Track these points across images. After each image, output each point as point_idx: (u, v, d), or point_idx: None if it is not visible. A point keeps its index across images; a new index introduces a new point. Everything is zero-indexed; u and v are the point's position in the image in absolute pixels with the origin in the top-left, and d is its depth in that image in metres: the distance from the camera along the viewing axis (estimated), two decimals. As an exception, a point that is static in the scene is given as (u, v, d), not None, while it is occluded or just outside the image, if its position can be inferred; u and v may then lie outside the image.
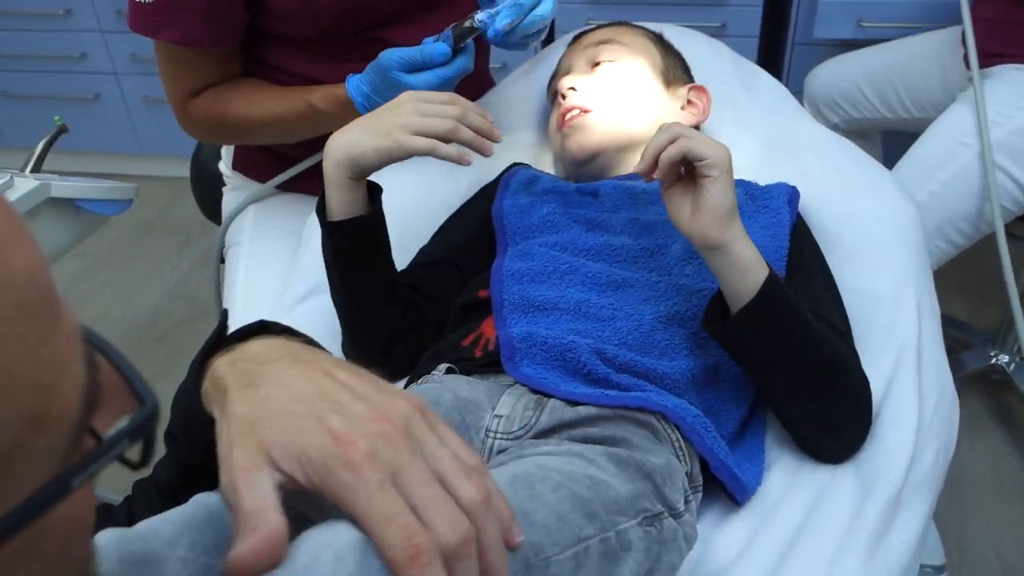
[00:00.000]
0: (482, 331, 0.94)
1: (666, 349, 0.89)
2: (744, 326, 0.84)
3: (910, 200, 1.10)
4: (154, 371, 2.12)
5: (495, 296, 0.96)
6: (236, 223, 1.38)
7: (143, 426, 0.35)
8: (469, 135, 0.90)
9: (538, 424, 0.81)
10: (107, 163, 2.86)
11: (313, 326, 1.03)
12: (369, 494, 0.45)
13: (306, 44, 1.18)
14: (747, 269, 0.83)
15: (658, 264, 0.97)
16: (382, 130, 0.90)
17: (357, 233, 0.93)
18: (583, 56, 1.16)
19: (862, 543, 0.80)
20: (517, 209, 1.05)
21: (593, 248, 0.99)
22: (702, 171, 0.81)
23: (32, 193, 1.14)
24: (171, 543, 0.52)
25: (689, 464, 0.82)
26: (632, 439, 0.78)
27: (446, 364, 0.90)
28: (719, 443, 0.84)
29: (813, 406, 0.87)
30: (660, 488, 0.75)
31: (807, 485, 0.86)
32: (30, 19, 2.60)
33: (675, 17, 1.45)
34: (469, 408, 0.82)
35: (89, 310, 2.34)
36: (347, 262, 0.95)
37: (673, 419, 0.82)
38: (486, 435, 0.81)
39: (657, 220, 1.01)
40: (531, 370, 0.86)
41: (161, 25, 1.10)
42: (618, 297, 0.93)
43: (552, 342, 0.87)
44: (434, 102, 0.91)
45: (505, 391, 0.85)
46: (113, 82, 2.68)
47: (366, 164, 0.90)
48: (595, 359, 0.86)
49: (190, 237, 2.59)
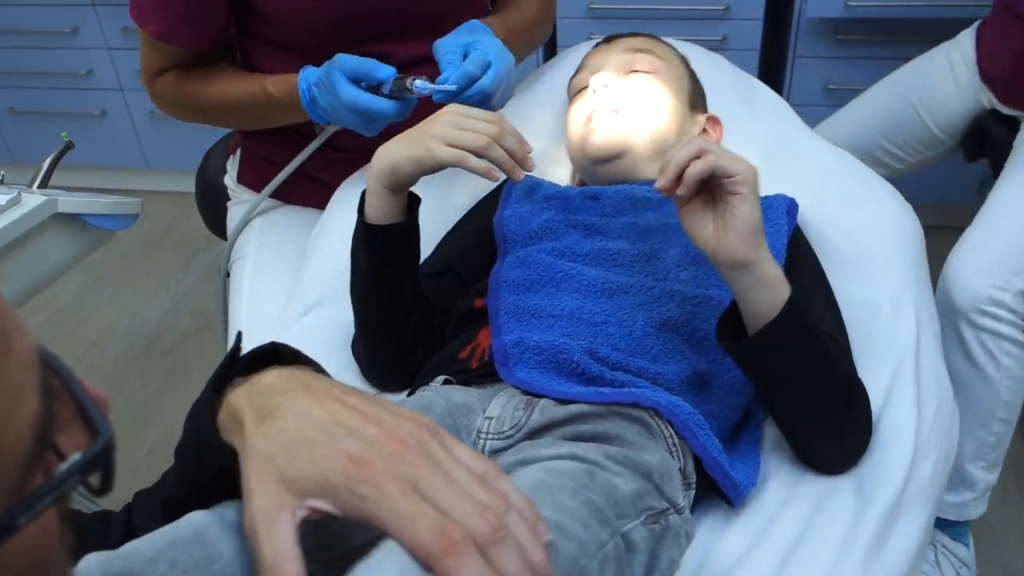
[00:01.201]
0: (478, 342, 0.95)
1: (659, 354, 0.90)
2: (768, 345, 0.82)
3: (910, 212, 1.11)
4: (159, 384, 2.13)
5: (491, 305, 0.96)
6: (241, 237, 1.39)
7: (97, 459, 0.35)
8: (502, 155, 0.90)
9: (528, 423, 0.81)
10: (113, 179, 2.88)
11: (318, 337, 1.05)
12: (392, 502, 0.46)
13: (301, 52, 1.19)
14: (772, 288, 0.80)
15: (654, 269, 0.97)
16: (417, 140, 0.92)
17: (389, 238, 0.95)
18: (619, 59, 1.14)
19: (860, 552, 0.81)
20: (517, 217, 1.06)
21: (590, 253, 0.99)
22: (731, 188, 0.78)
23: (39, 208, 1.16)
24: (152, 561, 0.53)
25: (683, 460, 0.82)
26: (626, 435, 0.78)
27: (443, 376, 0.91)
28: (712, 440, 0.83)
29: (823, 422, 0.86)
30: (660, 486, 0.75)
31: (806, 494, 0.86)
32: (37, 37, 2.63)
33: (676, 31, 1.46)
34: (460, 412, 0.83)
35: (95, 324, 2.35)
36: (379, 265, 0.97)
37: (667, 415, 0.82)
38: (477, 436, 0.81)
39: (656, 225, 1.01)
40: (524, 374, 0.86)
41: (145, 19, 1.15)
42: (611, 303, 0.93)
43: (544, 345, 0.88)
44: (473, 118, 0.92)
45: (496, 394, 0.86)
46: (119, 98, 2.70)
47: (401, 173, 0.92)
48: (587, 358, 0.86)
49: (196, 251, 2.61)
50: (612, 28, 1.33)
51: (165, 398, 2.06)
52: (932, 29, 2.05)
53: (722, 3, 2.11)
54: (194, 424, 0.62)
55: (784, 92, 2.21)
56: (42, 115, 2.76)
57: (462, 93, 1.00)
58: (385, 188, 0.93)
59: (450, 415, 0.82)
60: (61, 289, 2.45)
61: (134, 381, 2.15)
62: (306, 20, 1.14)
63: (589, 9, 2.17)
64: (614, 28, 1.29)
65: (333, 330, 1.05)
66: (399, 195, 0.95)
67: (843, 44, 2.13)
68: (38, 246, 1.19)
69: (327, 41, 1.16)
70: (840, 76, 2.16)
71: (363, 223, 0.95)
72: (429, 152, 0.90)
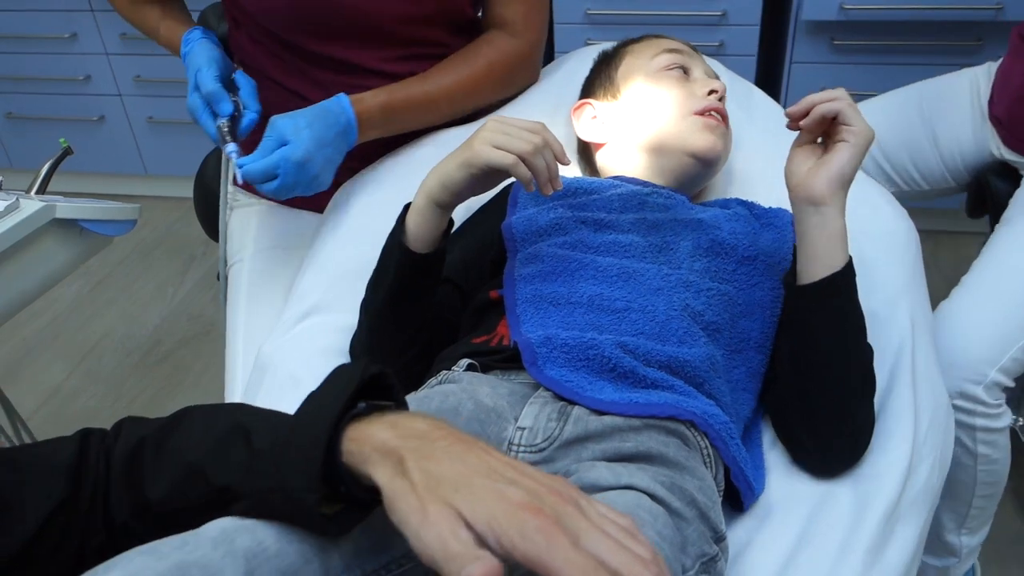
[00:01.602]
0: (498, 332, 0.94)
1: (684, 336, 0.89)
2: (831, 288, 0.86)
3: (903, 216, 1.11)
4: (157, 389, 2.13)
5: (507, 296, 0.96)
6: (238, 240, 1.39)
7: None
8: (542, 165, 0.91)
9: (562, 435, 0.80)
10: (112, 184, 2.88)
11: (314, 344, 1.05)
12: (567, 555, 0.49)
13: (270, 44, 1.23)
14: (836, 239, 0.87)
15: (668, 259, 0.97)
16: (464, 147, 0.94)
17: (424, 263, 0.96)
18: (708, 71, 1.15)
19: (859, 556, 0.81)
20: (525, 219, 1.05)
21: (602, 246, 0.99)
22: (843, 135, 0.86)
23: (37, 214, 1.16)
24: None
25: (715, 469, 0.83)
26: (667, 453, 0.78)
27: (467, 360, 0.90)
28: (741, 451, 0.85)
29: (837, 405, 0.87)
30: (705, 513, 0.75)
31: (803, 499, 0.87)
32: (36, 42, 2.63)
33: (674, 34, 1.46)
34: (491, 418, 0.81)
35: (93, 329, 2.36)
36: (406, 284, 0.97)
37: (702, 427, 0.83)
38: (508, 448, 0.80)
39: (665, 219, 1.01)
40: (555, 372, 0.85)
41: None
42: (630, 289, 0.93)
43: (572, 342, 0.87)
44: (520, 127, 0.93)
45: (528, 399, 0.84)
46: (118, 104, 2.70)
47: (451, 181, 0.93)
48: (619, 352, 0.86)
49: (194, 257, 2.61)
50: (610, 34, 1.33)
51: (163, 403, 2.06)
52: (927, 33, 2.07)
53: (719, 9, 2.12)
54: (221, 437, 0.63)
55: (781, 97, 2.22)
56: (41, 121, 2.76)
57: (252, 180, 1.07)
58: (434, 203, 0.94)
59: (479, 421, 0.80)
60: (59, 295, 2.45)
61: (132, 386, 2.15)
62: (266, 11, 1.18)
63: (586, 15, 2.18)
64: (612, 34, 1.29)
65: (328, 337, 1.05)
66: (445, 214, 0.96)
67: (840, 50, 2.14)
68: (36, 252, 1.19)
69: (294, 35, 1.20)
70: (837, 81, 2.14)
71: (402, 245, 0.96)
72: (477, 154, 0.91)
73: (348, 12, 1.17)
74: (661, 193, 1.05)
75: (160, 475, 0.66)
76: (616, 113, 1.13)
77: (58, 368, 2.23)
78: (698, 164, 1.08)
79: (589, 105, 1.16)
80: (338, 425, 0.59)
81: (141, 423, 0.71)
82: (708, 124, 1.06)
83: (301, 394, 0.82)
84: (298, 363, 1.03)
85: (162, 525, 0.62)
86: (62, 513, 0.64)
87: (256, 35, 1.24)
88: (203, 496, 0.64)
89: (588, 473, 0.75)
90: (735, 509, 0.87)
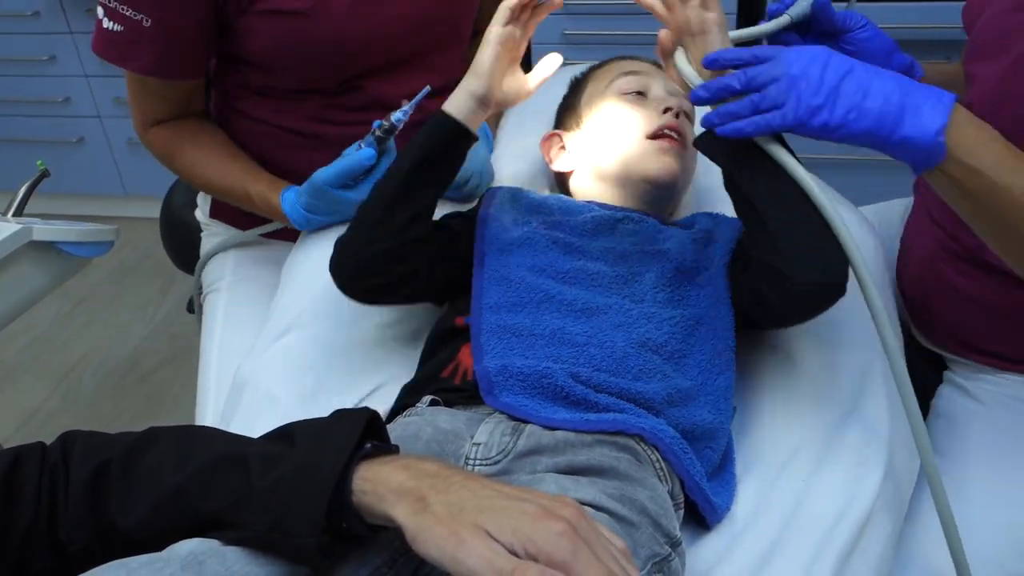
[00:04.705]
0: (459, 360, 0.95)
1: (639, 373, 0.91)
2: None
3: (870, 232, 1.13)
4: (136, 411, 2.12)
5: (473, 324, 0.97)
6: (216, 269, 1.38)
7: None
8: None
9: (516, 448, 0.82)
10: (91, 205, 2.88)
11: (291, 362, 1.05)
12: (587, 560, 0.55)
13: (281, 97, 1.21)
14: None
15: (632, 291, 0.99)
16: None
17: (459, 133, 0.99)
18: (670, 88, 1.13)
19: (830, 562, 0.82)
20: (499, 221, 1.06)
21: (570, 273, 1.00)
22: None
23: (13, 236, 1.16)
24: None
25: (670, 483, 0.84)
26: (618, 467, 0.79)
27: (429, 396, 0.92)
28: (695, 465, 0.86)
29: (807, 223, 0.86)
30: (658, 520, 0.77)
31: (776, 506, 0.88)
32: (15, 64, 2.63)
33: (651, 54, 1.47)
34: (448, 439, 0.83)
35: (72, 351, 2.35)
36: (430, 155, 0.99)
37: (652, 440, 0.84)
38: (465, 462, 0.82)
39: (632, 251, 1.03)
40: (510, 399, 0.87)
41: (128, 55, 1.13)
42: (592, 324, 0.95)
43: (528, 371, 0.89)
44: None
45: (484, 420, 0.86)
46: (97, 125, 2.70)
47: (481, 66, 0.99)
48: (571, 381, 0.88)
49: (174, 277, 2.60)
50: (587, 54, 1.35)
51: (143, 424, 2.03)
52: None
53: (693, 28, 2.14)
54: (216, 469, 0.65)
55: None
56: (19, 142, 2.76)
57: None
58: (470, 94, 0.99)
59: (437, 442, 0.82)
60: (38, 316, 2.44)
61: (112, 408, 2.14)
62: (293, 62, 1.15)
63: (563, 35, 2.21)
64: (589, 54, 1.31)
65: (306, 353, 1.05)
66: (479, 109, 1.00)
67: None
68: (13, 274, 1.20)
69: (312, 79, 1.17)
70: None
71: (441, 112, 0.99)
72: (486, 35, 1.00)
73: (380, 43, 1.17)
74: (632, 218, 1.06)
75: (133, 499, 0.66)
76: (580, 142, 1.15)
77: (37, 390, 2.22)
78: (655, 188, 1.08)
79: (557, 136, 1.18)
80: (348, 465, 0.62)
81: (94, 439, 0.71)
82: (661, 147, 1.07)
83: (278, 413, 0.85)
84: (276, 381, 1.03)
85: (132, 547, 0.62)
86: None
87: (256, 85, 1.22)
88: (185, 522, 0.64)
89: (538, 486, 0.77)
90: (702, 526, 0.88)
